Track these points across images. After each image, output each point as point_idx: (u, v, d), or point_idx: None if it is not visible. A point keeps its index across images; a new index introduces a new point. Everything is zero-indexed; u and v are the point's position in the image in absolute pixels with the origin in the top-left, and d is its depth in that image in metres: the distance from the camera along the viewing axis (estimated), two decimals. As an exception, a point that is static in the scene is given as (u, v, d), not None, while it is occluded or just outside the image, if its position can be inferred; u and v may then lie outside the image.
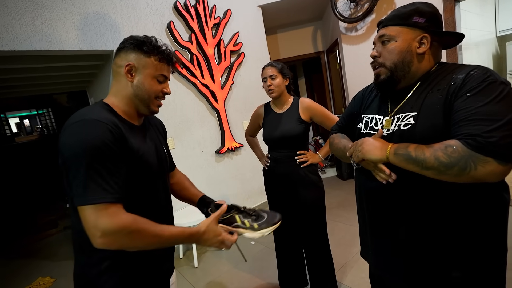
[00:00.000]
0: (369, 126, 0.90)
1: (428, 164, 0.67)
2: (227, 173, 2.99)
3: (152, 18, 2.45)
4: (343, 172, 3.86)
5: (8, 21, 1.80)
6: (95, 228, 0.65)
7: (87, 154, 0.66)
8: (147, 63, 0.81)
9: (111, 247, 0.67)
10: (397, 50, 0.80)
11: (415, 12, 0.78)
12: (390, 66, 0.81)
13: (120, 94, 0.82)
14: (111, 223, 0.65)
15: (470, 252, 0.73)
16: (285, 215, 1.64)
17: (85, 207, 0.66)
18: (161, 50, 0.82)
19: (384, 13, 2.95)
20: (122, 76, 0.81)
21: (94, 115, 0.72)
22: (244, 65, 3.09)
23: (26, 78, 3.26)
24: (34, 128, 8.56)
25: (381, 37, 0.83)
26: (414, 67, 0.80)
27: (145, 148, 0.82)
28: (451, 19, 2.57)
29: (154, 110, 0.87)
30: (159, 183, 0.89)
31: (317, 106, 1.56)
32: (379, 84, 0.86)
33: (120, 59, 0.82)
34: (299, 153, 1.55)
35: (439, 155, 0.66)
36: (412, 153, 0.70)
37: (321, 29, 4.22)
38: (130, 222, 0.67)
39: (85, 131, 0.68)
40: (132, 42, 0.81)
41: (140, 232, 0.69)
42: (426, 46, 0.79)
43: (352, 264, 2.01)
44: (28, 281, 2.51)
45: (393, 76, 0.82)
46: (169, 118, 2.56)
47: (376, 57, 0.85)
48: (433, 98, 0.74)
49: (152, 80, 0.82)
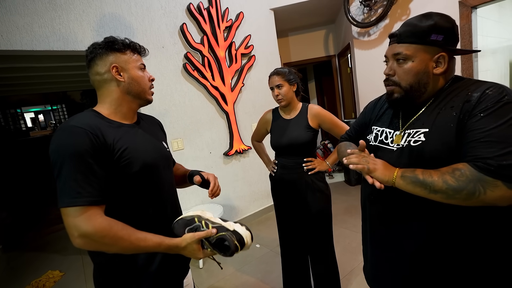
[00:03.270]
0: (379, 139, 0.88)
1: (436, 187, 0.66)
2: (234, 175, 3.00)
3: (166, 20, 2.49)
4: (351, 178, 3.82)
5: (27, 22, 1.86)
6: (72, 229, 0.69)
7: (63, 160, 0.70)
8: (127, 59, 0.85)
9: (87, 248, 0.72)
10: (414, 71, 0.76)
11: (433, 29, 0.73)
12: (405, 87, 0.78)
13: (108, 100, 0.85)
14: (86, 226, 0.68)
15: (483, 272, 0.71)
16: (291, 222, 1.65)
17: (63, 209, 0.70)
18: (129, 44, 0.87)
19: (398, 19, 2.91)
20: (109, 82, 0.84)
21: (75, 121, 0.75)
22: (255, 68, 3.10)
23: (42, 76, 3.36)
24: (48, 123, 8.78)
25: (396, 54, 0.79)
26: (430, 87, 0.77)
27: (137, 144, 0.84)
28: (467, 26, 2.51)
29: (150, 99, 0.93)
30: (163, 177, 0.91)
31: (326, 113, 1.54)
32: (392, 101, 0.83)
33: (98, 67, 0.83)
34: (306, 160, 1.54)
35: (447, 178, 0.65)
36: (419, 175, 0.69)
37: (333, 33, 4.20)
38: (103, 227, 0.70)
39: (62, 138, 0.72)
40: (102, 47, 0.83)
41: (114, 238, 0.71)
42: (443, 66, 0.75)
43: (358, 271, 1.99)
44: (38, 274, 2.57)
45: (407, 96, 0.79)
46: (179, 119, 2.59)
47: (390, 75, 0.81)
48: (446, 115, 0.72)
49: (138, 72, 0.87)
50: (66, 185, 0.69)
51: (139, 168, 0.80)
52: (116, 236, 0.71)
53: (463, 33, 2.53)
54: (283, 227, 1.69)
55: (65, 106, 7.64)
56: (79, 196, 0.69)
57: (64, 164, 0.70)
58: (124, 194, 0.80)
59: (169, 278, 0.89)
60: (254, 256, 2.42)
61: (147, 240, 0.76)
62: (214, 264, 2.38)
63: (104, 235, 0.69)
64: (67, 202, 0.69)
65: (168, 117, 2.52)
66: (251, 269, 2.24)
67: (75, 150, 0.70)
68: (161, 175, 0.90)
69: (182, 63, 2.58)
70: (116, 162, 0.77)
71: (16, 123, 7.12)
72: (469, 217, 0.71)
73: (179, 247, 0.80)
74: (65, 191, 0.69)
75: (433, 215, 0.74)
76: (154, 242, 0.77)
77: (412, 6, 2.81)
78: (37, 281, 2.45)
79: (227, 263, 2.37)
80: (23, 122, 7.56)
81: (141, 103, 0.91)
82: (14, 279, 2.59)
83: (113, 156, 0.77)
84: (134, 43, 0.89)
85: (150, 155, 0.86)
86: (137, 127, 0.90)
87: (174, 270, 0.91)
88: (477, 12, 2.52)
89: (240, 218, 3.08)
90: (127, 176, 0.79)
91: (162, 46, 2.47)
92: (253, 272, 2.19)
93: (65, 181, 0.69)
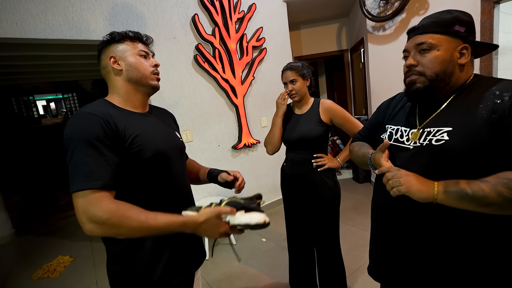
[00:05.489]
0: (394, 138, 0.86)
1: (490, 201, 0.62)
2: (242, 169, 3.00)
3: (178, 10, 2.46)
4: (360, 175, 3.78)
5: (41, 10, 1.86)
6: (81, 215, 0.68)
7: (75, 145, 0.71)
8: (124, 47, 0.87)
9: (97, 233, 0.69)
10: (440, 60, 0.74)
11: (457, 20, 0.74)
12: (431, 75, 0.75)
13: (115, 90, 0.88)
14: (93, 209, 0.67)
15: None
16: (299, 217, 1.64)
17: (74, 194, 0.69)
18: (128, 33, 0.89)
19: (415, 13, 2.82)
20: (111, 72, 0.87)
21: (88, 109, 0.77)
22: (266, 61, 3.06)
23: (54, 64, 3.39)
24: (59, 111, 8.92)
25: (419, 44, 0.77)
26: (455, 78, 0.76)
27: (148, 131, 0.85)
28: (489, 21, 2.41)
29: (155, 85, 0.92)
30: (175, 166, 0.91)
31: (338, 108, 1.52)
32: (413, 92, 0.80)
33: (102, 61, 0.88)
34: (316, 156, 1.52)
35: (501, 190, 0.61)
36: (467, 189, 0.64)
37: (346, 26, 4.10)
38: (110, 208, 0.68)
39: (75, 124, 0.74)
40: (103, 41, 0.88)
41: (122, 218, 0.68)
42: (467, 57, 0.74)
43: (364, 269, 1.98)
44: (49, 259, 2.65)
45: (432, 86, 0.76)
46: (188, 111, 2.59)
47: (413, 65, 0.79)
48: (474, 115, 0.69)
49: (136, 58, 0.87)
50: (77, 169, 0.70)
51: (151, 155, 0.81)
52: (124, 216, 0.69)
53: (484, 29, 2.43)
54: (291, 222, 1.69)
55: (76, 95, 7.74)
56: (89, 180, 0.69)
57: (76, 149, 0.71)
58: (136, 182, 0.81)
59: (180, 270, 0.89)
60: (260, 250, 2.43)
61: (158, 218, 0.72)
62: (221, 255, 2.40)
63: (110, 216, 0.67)
64: (77, 186, 0.69)
65: (177, 108, 2.51)
66: (257, 262, 2.25)
67: (87, 135, 0.71)
68: (173, 164, 0.90)
69: (193, 54, 2.56)
70: (127, 149, 0.77)
71: (29, 110, 7.25)
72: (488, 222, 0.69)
73: (196, 222, 0.74)
74: (76, 175, 0.70)
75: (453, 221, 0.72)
76: (166, 219, 0.72)
77: (431, 0, 2.71)
78: (48, 265, 2.52)
79: (232, 256, 2.39)
80: (35, 110, 7.69)
81: (146, 90, 0.91)
82: (26, 263, 2.67)
83: (124, 143, 0.77)
84: (134, 32, 0.90)
85: (162, 143, 0.86)
86: (149, 116, 0.91)
87: (185, 262, 0.92)
88: (500, 7, 2.42)
89: (247, 211, 3.08)
90: (139, 163, 0.79)
91: (173, 37, 2.45)
92: (259, 265, 2.21)
93: (76, 165, 0.70)
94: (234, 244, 2.57)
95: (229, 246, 2.55)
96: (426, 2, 2.75)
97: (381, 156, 0.81)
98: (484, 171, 0.66)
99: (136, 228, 0.70)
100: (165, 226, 0.72)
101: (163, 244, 0.84)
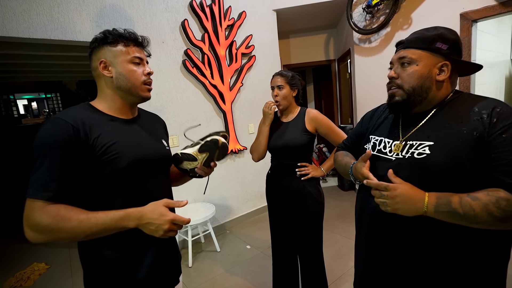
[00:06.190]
0: (377, 149, 0.88)
1: (480, 220, 0.64)
2: (228, 175, 2.99)
3: (167, 15, 2.46)
4: (345, 183, 3.84)
5: (25, 9, 1.81)
6: (24, 222, 0.68)
7: (38, 151, 0.70)
8: (116, 52, 0.81)
9: (39, 240, 0.68)
10: (418, 74, 0.78)
11: (439, 37, 0.76)
12: (408, 89, 0.79)
13: (103, 95, 0.84)
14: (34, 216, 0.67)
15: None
16: (283, 225, 1.64)
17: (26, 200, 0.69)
18: (124, 35, 0.82)
19: (399, 28, 2.93)
20: (101, 77, 0.83)
21: (61, 114, 0.74)
22: (255, 68, 3.09)
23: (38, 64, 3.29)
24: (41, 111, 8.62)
25: (401, 58, 0.80)
26: (432, 93, 0.78)
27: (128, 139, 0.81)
28: (467, 39, 2.54)
29: (146, 96, 0.87)
30: (158, 174, 0.88)
31: (323, 118, 1.54)
32: (393, 105, 0.83)
33: (93, 62, 0.83)
34: (300, 165, 1.53)
35: (492, 210, 0.62)
36: (458, 209, 0.65)
37: (334, 37, 4.20)
38: (49, 212, 0.67)
39: (43, 129, 0.72)
40: (95, 41, 0.82)
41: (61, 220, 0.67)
42: (446, 74, 0.77)
43: (347, 277, 2.00)
44: (23, 266, 2.53)
45: (409, 100, 0.80)
46: (175, 115, 2.56)
47: (393, 78, 0.83)
48: (455, 130, 0.71)
49: (128, 66, 0.82)
50: (34, 176, 0.69)
51: (127, 164, 0.77)
52: (63, 218, 0.66)
53: (463, 46, 2.55)
54: (275, 229, 1.69)
55: (60, 95, 7.51)
56: (41, 190, 0.68)
57: (38, 155, 0.70)
58: (112, 191, 0.77)
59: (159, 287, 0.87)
60: (244, 257, 2.41)
61: (99, 216, 0.69)
62: (204, 263, 2.36)
63: (50, 221, 0.65)
64: (29, 193, 0.68)
65: (164, 113, 2.49)
66: (241, 270, 2.23)
67: (52, 143, 0.70)
68: (155, 173, 0.86)
69: (182, 59, 2.55)
70: (99, 157, 0.74)
71: (9, 109, 6.97)
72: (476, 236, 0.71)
73: (140, 212, 0.71)
74: (32, 182, 0.69)
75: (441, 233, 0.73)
76: (108, 217, 0.69)
77: (414, 16, 2.83)
78: (21, 273, 2.40)
79: (216, 264, 2.36)
80: (16, 109, 7.40)
81: (135, 100, 0.86)
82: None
83: (95, 152, 0.74)
84: (129, 34, 0.83)
85: (141, 152, 0.82)
86: (133, 123, 0.87)
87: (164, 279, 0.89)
88: (477, 26, 2.55)
89: (232, 218, 3.06)
90: (115, 172, 0.76)
91: (162, 41, 2.44)
92: (242, 273, 2.18)
93: (35, 172, 0.69)
94: (218, 251, 2.53)
95: (213, 254, 2.52)
96: (410, 18, 2.87)
97: (363, 165, 0.82)
98: (465, 186, 0.68)
99: (77, 228, 0.67)
100: (107, 221, 0.69)
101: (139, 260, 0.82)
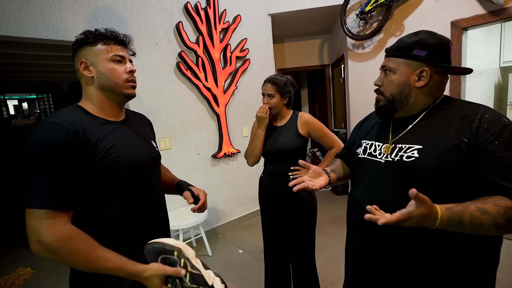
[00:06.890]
0: (368, 152, 0.89)
1: (485, 232, 0.64)
2: (221, 178, 2.97)
3: (161, 17, 2.45)
4: (338, 187, 3.85)
5: (15, 7, 1.78)
6: (32, 233, 0.65)
7: (38, 158, 0.67)
8: (96, 51, 0.80)
9: (43, 256, 0.66)
10: (395, 83, 0.81)
11: (417, 44, 0.77)
12: (388, 96, 0.83)
13: (88, 96, 0.83)
14: (45, 232, 0.64)
15: None
16: (276, 229, 1.63)
17: (27, 210, 0.66)
18: (103, 34, 0.81)
19: (392, 34, 2.97)
20: (83, 78, 0.82)
21: (56, 118, 0.71)
22: (249, 72, 3.09)
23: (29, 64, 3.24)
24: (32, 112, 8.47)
25: (383, 67, 0.85)
26: (413, 99, 0.80)
27: (124, 142, 0.81)
28: (458, 46, 2.59)
29: (130, 93, 0.85)
30: (150, 178, 0.88)
31: (315, 122, 1.54)
32: (378, 109, 0.88)
33: (75, 63, 0.82)
34: (293, 169, 1.52)
35: (500, 222, 0.61)
36: (467, 227, 0.63)
37: (328, 42, 4.24)
38: (62, 237, 0.65)
39: (40, 134, 0.69)
40: (76, 42, 0.81)
41: (70, 252, 0.66)
42: (425, 80, 0.77)
43: (339, 282, 1.99)
44: (8, 271, 2.45)
45: (391, 106, 0.83)
46: (168, 117, 2.54)
47: (378, 85, 0.87)
48: (443, 135, 0.72)
49: (108, 64, 0.80)
50: (36, 184, 0.66)
51: (126, 167, 0.78)
52: (72, 250, 0.66)
53: (454, 53, 2.59)
54: (267, 234, 1.67)
55: (52, 95, 7.40)
56: (45, 198, 0.65)
57: (38, 162, 0.66)
58: (110, 192, 0.77)
59: None
60: (236, 261, 2.38)
61: (107, 260, 0.68)
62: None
63: (60, 245, 0.64)
64: (33, 203, 0.65)
65: (157, 115, 2.46)
66: (233, 275, 2.20)
67: (51, 149, 0.67)
68: (149, 175, 0.87)
69: (176, 61, 2.54)
70: (99, 161, 0.73)
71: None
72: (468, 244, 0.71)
73: (140, 276, 0.71)
74: (33, 190, 0.65)
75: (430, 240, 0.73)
76: (114, 265, 0.69)
77: (406, 23, 2.88)
78: (5, 278, 2.33)
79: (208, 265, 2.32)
80: (6, 110, 7.26)
81: (120, 99, 0.85)
82: (-19, 275, 2.45)
83: (96, 155, 0.73)
84: (110, 32, 0.82)
85: (137, 155, 0.83)
86: (124, 125, 0.87)
87: None
88: (467, 34, 2.60)
89: (225, 222, 3.04)
90: (114, 174, 0.76)
91: (156, 43, 2.42)
92: (234, 278, 2.16)
93: (35, 180, 0.66)
94: (210, 256, 2.50)
95: (205, 258, 2.48)
96: (402, 25, 2.91)
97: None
98: (451, 190, 0.68)
99: (82, 265, 0.68)
100: (111, 271, 0.69)
101: None
